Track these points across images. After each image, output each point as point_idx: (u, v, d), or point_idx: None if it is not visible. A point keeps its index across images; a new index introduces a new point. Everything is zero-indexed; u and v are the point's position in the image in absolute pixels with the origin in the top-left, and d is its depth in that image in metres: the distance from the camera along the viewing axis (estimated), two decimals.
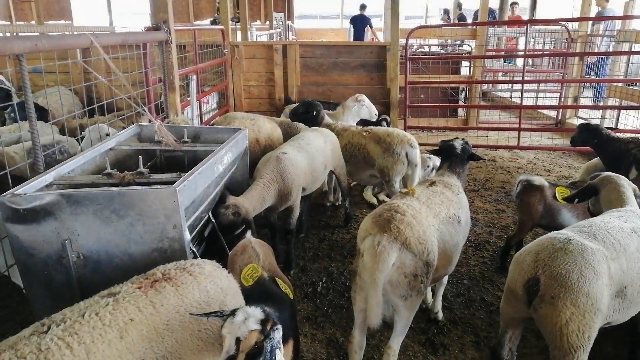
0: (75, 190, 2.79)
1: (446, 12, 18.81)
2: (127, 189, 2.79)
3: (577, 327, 2.39)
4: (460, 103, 10.35)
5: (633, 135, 5.48)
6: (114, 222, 2.71)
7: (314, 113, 5.52)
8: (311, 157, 4.57)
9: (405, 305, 2.80)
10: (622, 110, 8.36)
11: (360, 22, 15.82)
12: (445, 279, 3.70)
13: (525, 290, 2.53)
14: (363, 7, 15.97)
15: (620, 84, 8.55)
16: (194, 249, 2.97)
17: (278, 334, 1.96)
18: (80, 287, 2.77)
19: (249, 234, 3.31)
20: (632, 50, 8.64)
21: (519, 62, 13.00)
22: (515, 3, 13.95)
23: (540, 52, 12.01)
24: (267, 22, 17.93)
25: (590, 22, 10.18)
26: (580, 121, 8.29)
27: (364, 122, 5.97)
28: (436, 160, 5.68)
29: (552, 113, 10.34)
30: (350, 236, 5.18)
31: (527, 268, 2.55)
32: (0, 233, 2.96)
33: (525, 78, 9.94)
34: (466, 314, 3.82)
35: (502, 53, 12.78)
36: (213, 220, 3.55)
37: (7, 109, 5.86)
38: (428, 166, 5.55)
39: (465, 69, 11.05)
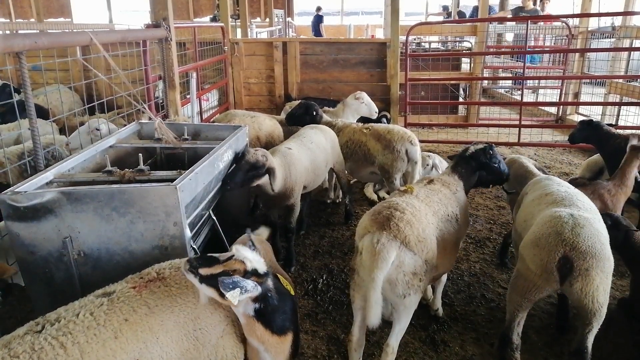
0: (76, 187, 2.79)
1: (445, 8, 18.81)
2: (127, 187, 2.80)
3: (603, 288, 2.64)
4: (461, 100, 10.33)
5: (633, 131, 5.49)
6: (115, 219, 2.71)
7: (314, 113, 5.49)
8: (313, 155, 4.56)
9: (404, 304, 2.78)
10: (622, 107, 8.36)
11: (315, 21, 19.19)
12: (445, 277, 3.69)
13: (558, 270, 2.66)
14: (318, 8, 19.43)
15: (620, 81, 8.54)
16: (194, 246, 2.97)
17: (253, 287, 2.02)
18: (81, 285, 2.78)
19: (248, 230, 3.30)
20: (633, 46, 8.62)
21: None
22: None
23: (541, 49, 11.99)
24: (267, 19, 17.94)
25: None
26: (581, 118, 8.28)
27: (364, 119, 5.95)
28: (435, 159, 5.68)
29: (553, 109, 10.32)
30: (351, 233, 5.18)
31: (554, 249, 2.68)
32: (1, 231, 2.97)
33: (526, 74, 9.92)
34: (467, 311, 3.82)
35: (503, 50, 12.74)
36: (214, 218, 3.55)
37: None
38: (427, 164, 5.53)
39: (465, 65, 11.02)
